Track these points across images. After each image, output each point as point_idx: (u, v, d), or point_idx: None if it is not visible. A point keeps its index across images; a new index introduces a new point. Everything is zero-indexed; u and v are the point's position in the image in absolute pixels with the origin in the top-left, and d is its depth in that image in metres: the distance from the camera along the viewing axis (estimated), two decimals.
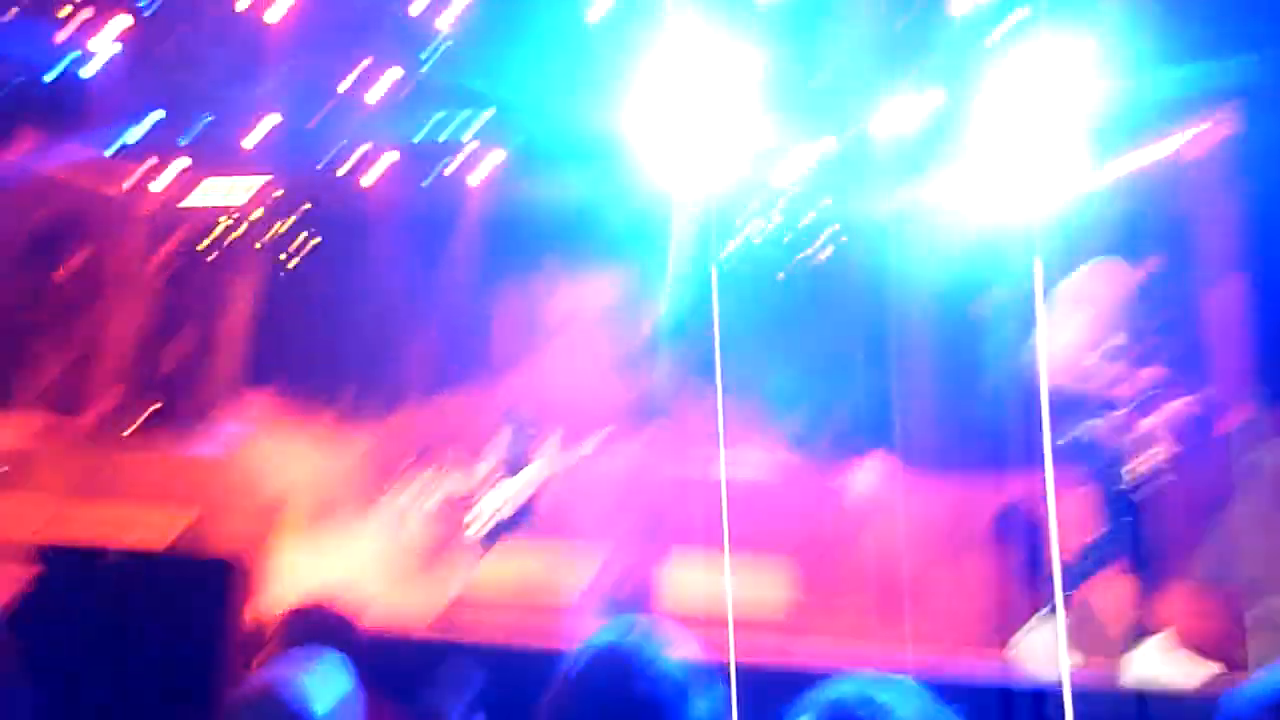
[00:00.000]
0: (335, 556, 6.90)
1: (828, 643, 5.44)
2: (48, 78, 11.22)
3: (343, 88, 11.31)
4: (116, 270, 13.97)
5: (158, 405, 11.11)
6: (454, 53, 10.65)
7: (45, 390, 13.45)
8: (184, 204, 13.81)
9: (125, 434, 9.68)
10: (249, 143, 12.36)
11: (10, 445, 8.99)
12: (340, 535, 7.63)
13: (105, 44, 11.09)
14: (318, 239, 13.86)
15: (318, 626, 2.27)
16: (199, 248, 13.62)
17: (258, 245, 13.77)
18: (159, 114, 12.16)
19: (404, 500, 8.98)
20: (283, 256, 13.45)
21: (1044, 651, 5.07)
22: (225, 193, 13.64)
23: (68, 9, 10.84)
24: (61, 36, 11.02)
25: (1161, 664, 4.91)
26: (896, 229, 11.71)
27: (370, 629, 2.59)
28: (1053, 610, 4.88)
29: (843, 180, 11.58)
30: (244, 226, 13.66)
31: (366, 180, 12.84)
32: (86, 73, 11.19)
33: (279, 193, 13.46)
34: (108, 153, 12.94)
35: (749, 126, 10.84)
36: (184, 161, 13.13)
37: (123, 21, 10.98)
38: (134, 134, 12.49)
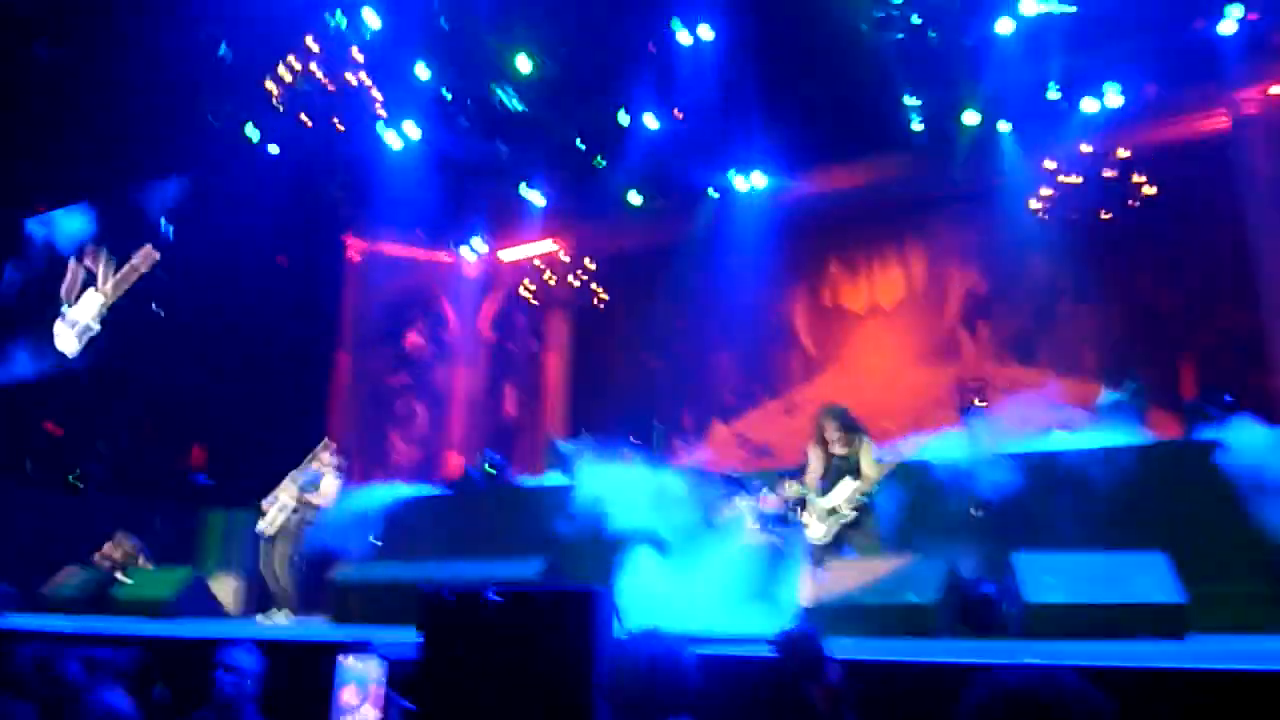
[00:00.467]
0: (682, 581, 7.15)
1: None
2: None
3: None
4: (456, 328, 15.59)
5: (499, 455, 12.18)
6: None
7: (411, 445, 15.25)
8: (503, 257, 15.18)
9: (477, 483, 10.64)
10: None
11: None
12: (681, 561, 7.87)
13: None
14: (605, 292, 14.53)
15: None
16: (521, 292, 14.72)
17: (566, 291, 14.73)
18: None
19: (735, 519, 9.10)
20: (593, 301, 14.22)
21: None
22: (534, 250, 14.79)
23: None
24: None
25: None
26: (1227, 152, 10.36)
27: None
28: None
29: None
30: (551, 277, 14.71)
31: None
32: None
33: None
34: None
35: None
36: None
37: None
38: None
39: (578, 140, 12.52)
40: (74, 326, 13.43)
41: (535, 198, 13.57)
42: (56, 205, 14.08)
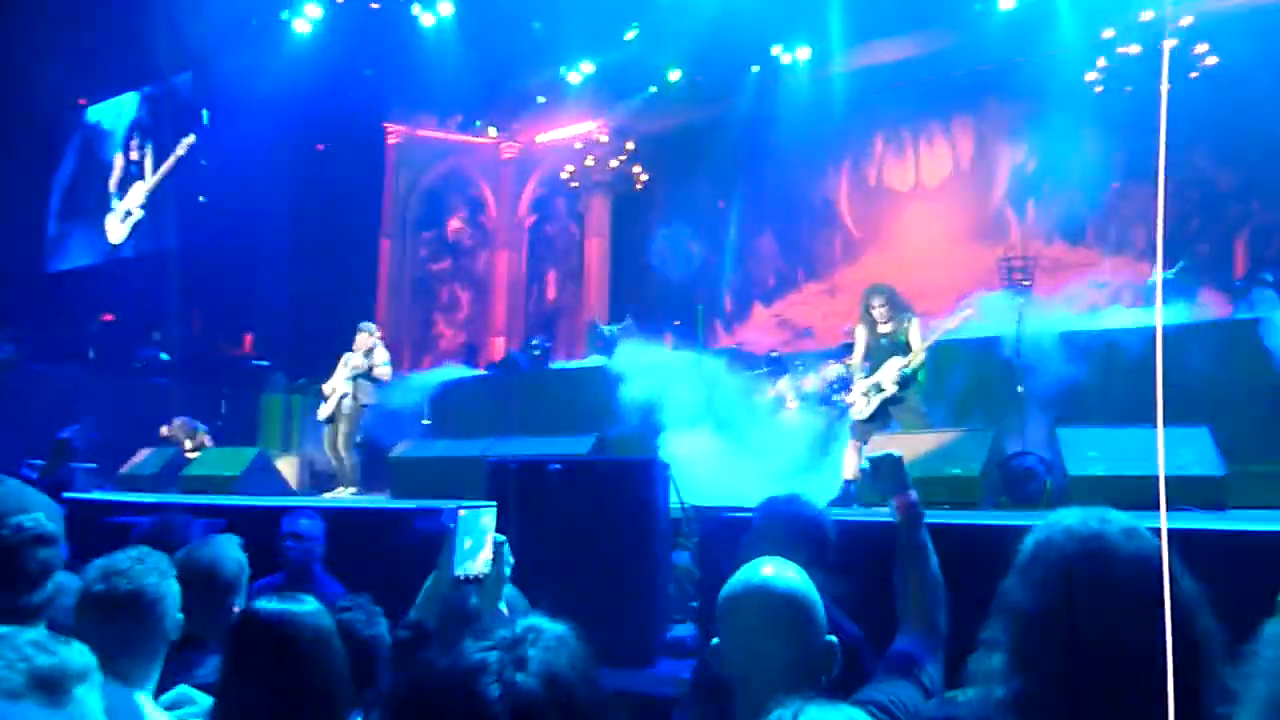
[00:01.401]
0: (726, 459, 7.36)
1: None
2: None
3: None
4: (497, 213, 15.62)
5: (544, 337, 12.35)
6: None
7: (455, 330, 15.51)
8: (540, 140, 15.05)
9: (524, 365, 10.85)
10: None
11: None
12: (724, 439, 8.06)
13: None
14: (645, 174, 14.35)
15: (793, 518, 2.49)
16: (561, 176, 14.64)
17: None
18: None
19: (778, 398, 9.26)
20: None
21: None
22: (572, 132, 14.61)
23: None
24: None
25: None
26: None
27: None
28: None
29: None
30: (590, 160, 14.58)
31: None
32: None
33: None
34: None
35: None
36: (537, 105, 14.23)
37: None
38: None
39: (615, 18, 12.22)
40: (124, 218, 13.71)
41: (573, 77, 13.34)
42: (102, 98, 14.17)
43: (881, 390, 6.31)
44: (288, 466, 9.49)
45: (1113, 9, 10.62)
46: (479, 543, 2.08)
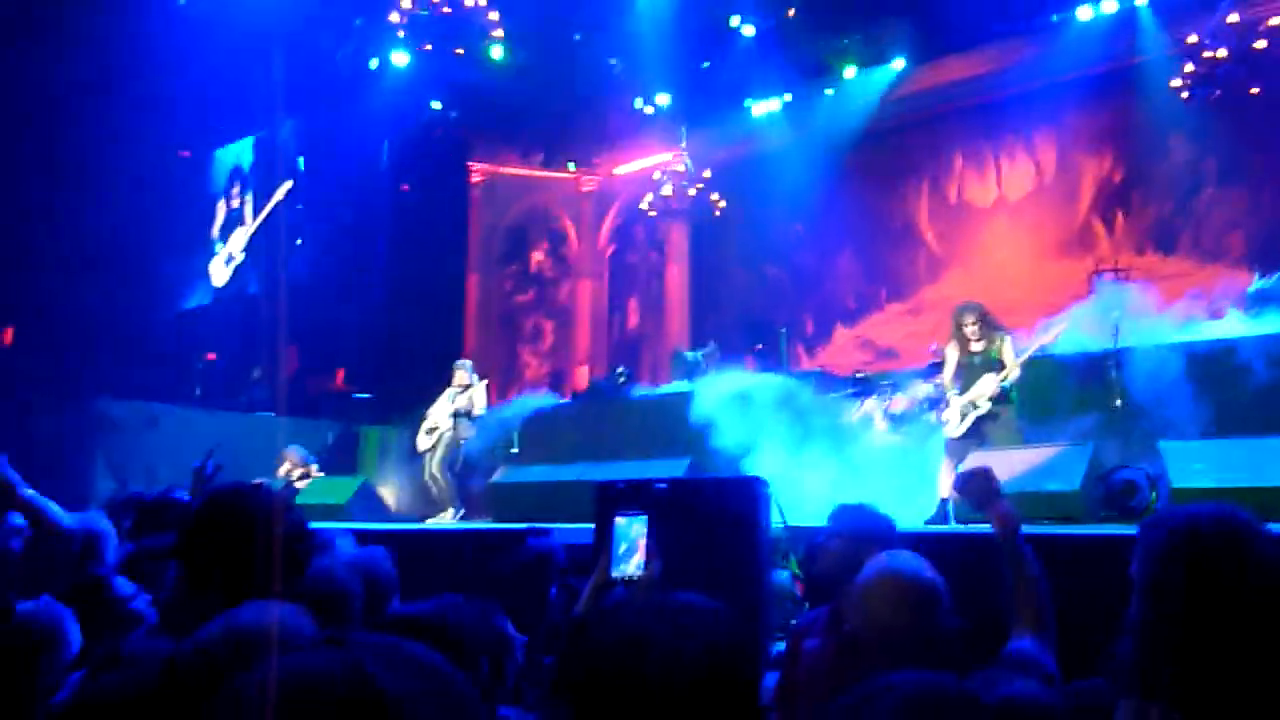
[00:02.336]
0: (814, 481, 7.38)
1: None
2: None
3: None
4: (578, 245, 15.95)
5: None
6: None
7: (540, 361, 15.83)
8: (619, 171, 15.35)
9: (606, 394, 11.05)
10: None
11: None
12: (811, 462, 8.09)
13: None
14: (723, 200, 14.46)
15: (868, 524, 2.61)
16: (639, 206, 14.86)
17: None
18: None
19: (864, 420, 9.25)
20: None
21: None
22: (650, 162, 14.86)
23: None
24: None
25: None
26: None
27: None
28: None
29: None
30: (669, 189, 14.78)
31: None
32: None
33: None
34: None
35: None
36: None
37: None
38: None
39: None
40: (227, 262, 14.40)
41: (649, 109, 13.60)
42: (206, 149, 14.96)
43: (976, 408, 6.30)
44: (389, 493, 9.82)
45: (1197, 14, 10.43)
46: (632, 548, 2.24)
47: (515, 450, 10.00)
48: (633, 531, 2.26)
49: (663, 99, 13.46)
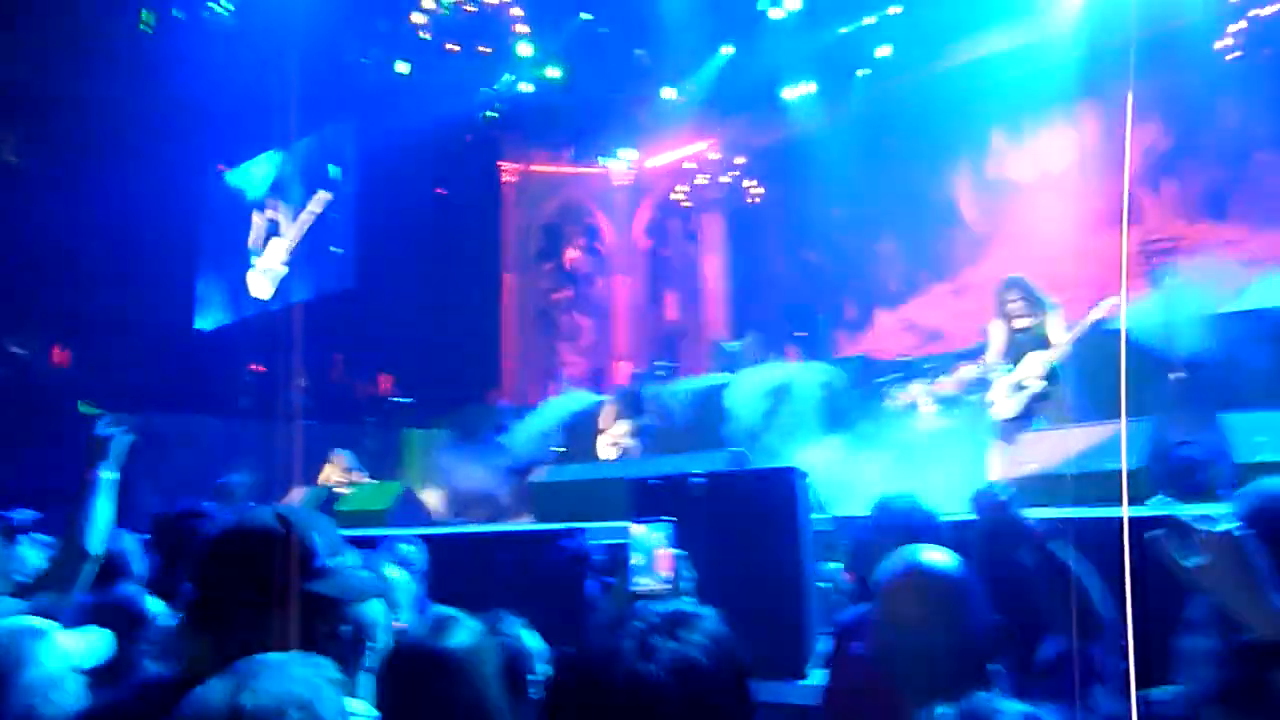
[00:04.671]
0: (862, 468, 7.21)
1: None
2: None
3: None
4: (613, 239, 15.87)
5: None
6: None
7: (579, 358, 15.78)
8: (650, 164, 15.24)
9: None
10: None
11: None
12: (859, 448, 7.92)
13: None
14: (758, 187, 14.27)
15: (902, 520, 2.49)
16: (673, 197, 14.74)
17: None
18: None
19: (910, 404, 9.04)
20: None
21: None
22: (682, 153, 14.74)
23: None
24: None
25: None
26: None
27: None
28: None
29: None
30: (702, 178, 14.65)
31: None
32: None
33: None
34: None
35: None
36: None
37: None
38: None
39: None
40: (266, 274, 14.52)
41: (679, 99, 13.46)
42: (238, 162, 15.11)
43: (1025, 388, 6.08)
44: (431, 498, 9.81)
45: None
46: (652, 559, 2.12)
47: (560, 449, 9.94)
48: (652, 540, 2.13)
49: (691, 88, 13.31)
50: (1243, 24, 10.23)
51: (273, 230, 14.57)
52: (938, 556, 1.67)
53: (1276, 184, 10.48)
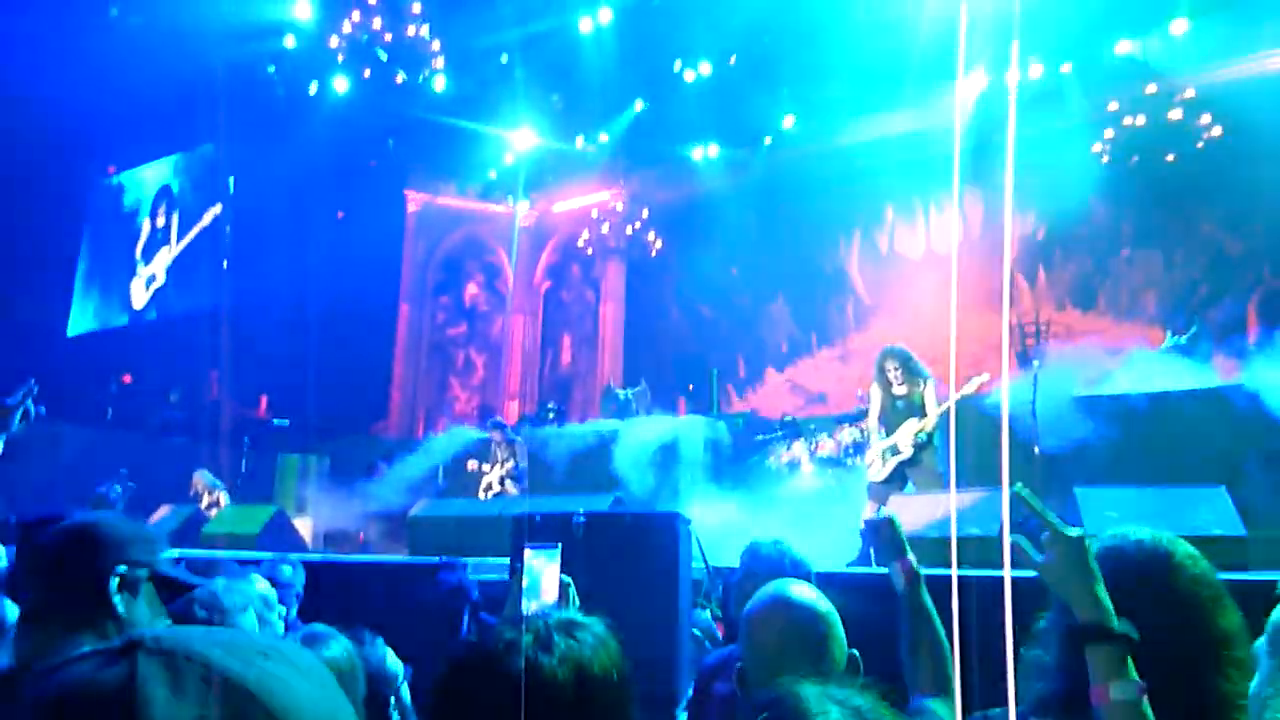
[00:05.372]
0: (741, 520, 7.37)
1: None
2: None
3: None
4: (513, 279, 15.85)
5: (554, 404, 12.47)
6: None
7: (471, 394, 15.62)
8: (557, 209, 15.36)
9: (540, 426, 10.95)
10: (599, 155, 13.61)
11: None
12: (739, 500, 8.09)
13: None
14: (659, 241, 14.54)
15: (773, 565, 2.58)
16: (578, 244, 14.85)
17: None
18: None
19: (792, 462, 9.29)
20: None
21: None
22: (589, 200, 14.91)
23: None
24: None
25: None
26: None
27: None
28: None
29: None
30: (606, 227, 14.83)
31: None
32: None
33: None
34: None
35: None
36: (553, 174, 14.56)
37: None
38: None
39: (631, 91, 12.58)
40: (148, 283, 13.98)
41: (588, 148, 13.67)
42: (130, 166, 14.57)
43: (898, 453, 6.35)
44: (303, 526, 9.52)
45: (1118, 83, 10.88)
46: (541, 583, 2.16)
47: (442, 483, 9.82)
48: (543, 566, 2.18)
49: (603, 138, 13.54)
50: (1112, 132, 11.04)
51: (161, 239, 14.07)
52: (803, 590, 1.76)
53: (1140, 279, 11.29)
